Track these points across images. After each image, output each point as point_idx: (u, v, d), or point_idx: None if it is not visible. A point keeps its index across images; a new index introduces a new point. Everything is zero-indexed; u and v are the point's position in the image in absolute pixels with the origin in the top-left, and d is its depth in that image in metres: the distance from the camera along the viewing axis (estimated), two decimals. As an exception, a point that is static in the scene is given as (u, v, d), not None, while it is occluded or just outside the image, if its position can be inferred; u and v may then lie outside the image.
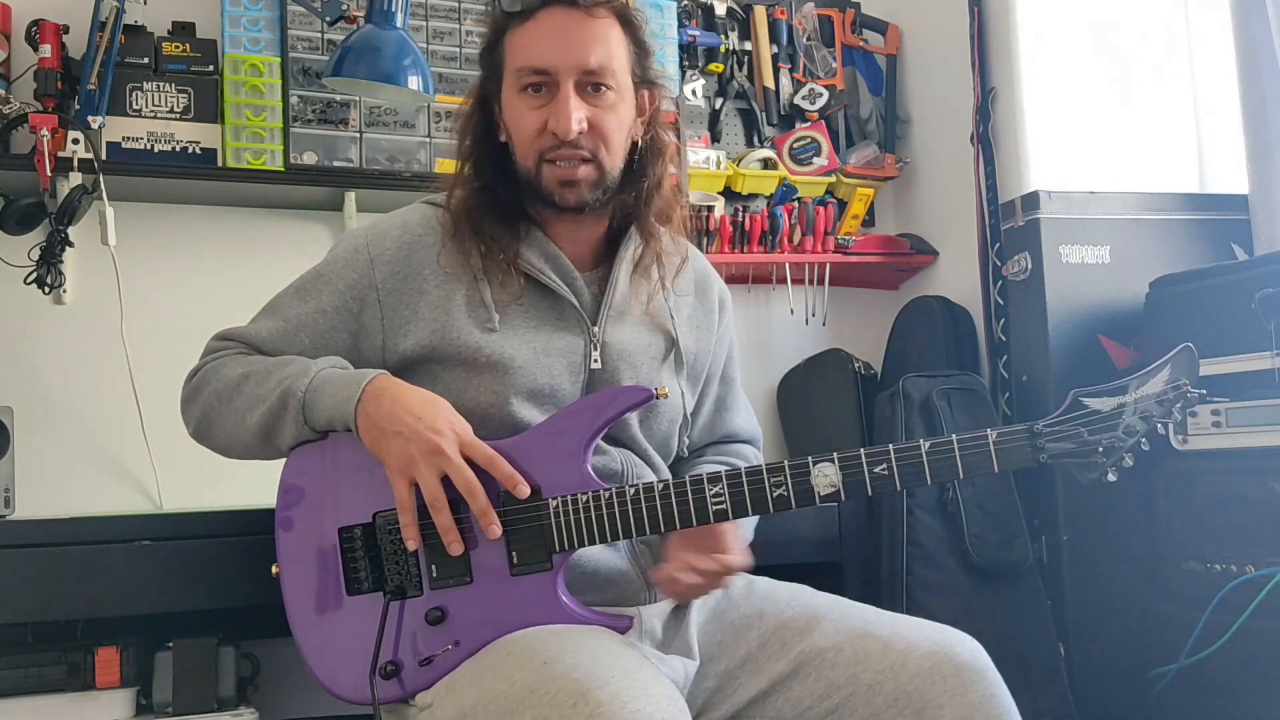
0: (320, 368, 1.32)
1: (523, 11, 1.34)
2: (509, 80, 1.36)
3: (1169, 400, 1.19)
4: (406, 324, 1.36)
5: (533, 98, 1.34)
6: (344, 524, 1.31)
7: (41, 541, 1.52)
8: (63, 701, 1.61)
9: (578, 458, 1.29)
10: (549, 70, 1.33)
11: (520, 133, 1.35)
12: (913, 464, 1.22)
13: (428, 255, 1.38)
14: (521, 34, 1.35)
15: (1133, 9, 2.59)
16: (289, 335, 1.38)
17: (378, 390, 1.27)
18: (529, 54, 1.34)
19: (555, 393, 1.36)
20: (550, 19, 1.34)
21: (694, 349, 1.49)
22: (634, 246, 1.44)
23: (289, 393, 1.30)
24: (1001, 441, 1.21)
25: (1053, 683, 2.15)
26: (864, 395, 2.54)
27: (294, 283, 1.42)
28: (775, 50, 2.73)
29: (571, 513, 1.26)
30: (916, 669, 1.22)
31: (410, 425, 1.24)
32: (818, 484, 1.24)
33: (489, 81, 1.40)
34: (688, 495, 1.26)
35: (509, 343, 1.34)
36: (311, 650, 1.30)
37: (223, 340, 1.41)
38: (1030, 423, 1.22)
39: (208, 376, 1.38)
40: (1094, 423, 1.20)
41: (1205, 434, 2.01)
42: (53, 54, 2.07)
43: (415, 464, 1.24)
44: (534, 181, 1.36)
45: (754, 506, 1.26)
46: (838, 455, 1.24)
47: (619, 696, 1.06)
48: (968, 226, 2.57)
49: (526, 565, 1.26)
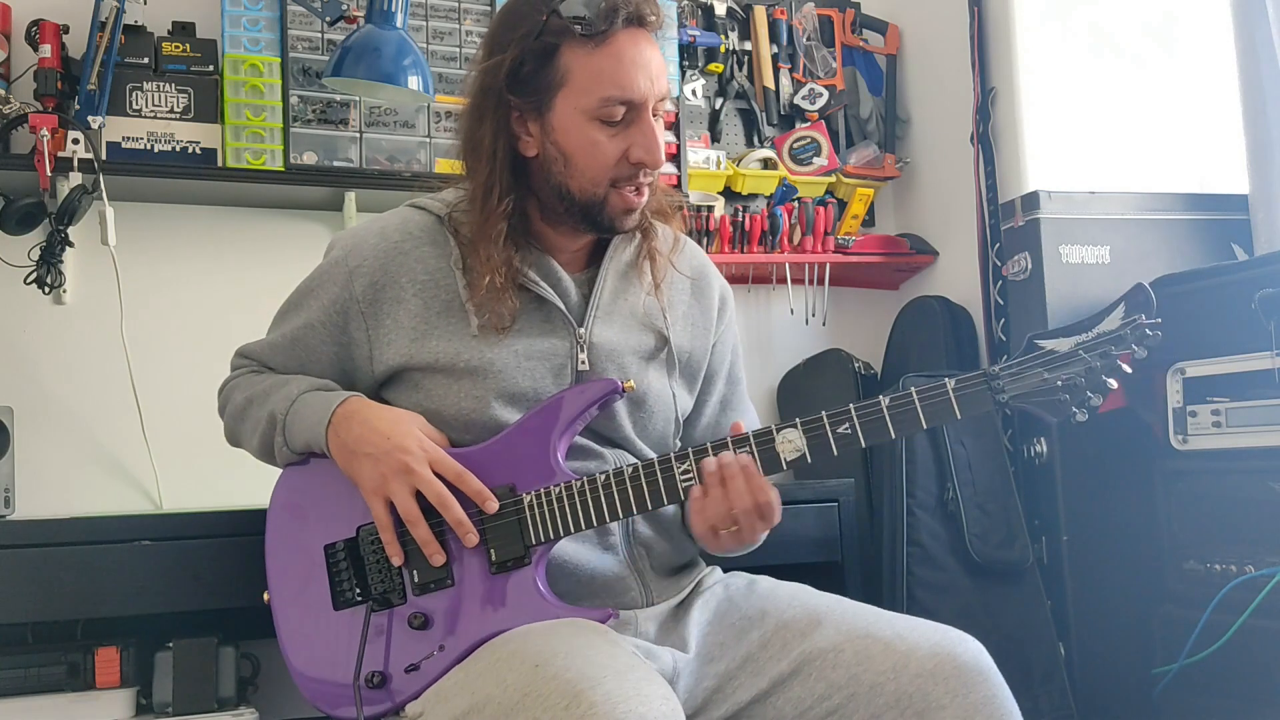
0: (301, 390, 1.36)
1: (597, 32, 1.26)
2: (578, 103, 1.28)
3: (1126, 337, 1.19)
4: (388, 334, 1.36)
5: (609, 126, 1.29)
6: (328, 540, 1.33)
7: (41, 541, 1.52)
8: (63, 701, 1.61)
9: (548, 451, 1.29)
10: (638, 101, 1.29)
11: (593, 158, 1.30)
12: (875, 420, 1.23)
13: (404, 262, 1.37)
14: (599, 58, 1.27)
15: (1133, 9, 2.59)
16: (288, 350, 1.42)
17: (347, 413, 1.30)
18: (616, 84, 1.27)
19: (539, 396, 1.35)
20: (628, 42, 1.28)
21: (688, 347, 1.48)
22: (625, 246, 1.44)
23: (273, 418, 1.36)
24: (961, 388, 1.21)
25: (1053, 683, 2.15)
26: (864, 395, 2.53)
27: (290, 295, 1.45)
28: (775, 50, 2.72)
29: (545, 504, 1.27)
30: (918, 670, 1.22)
31: (379, 445, 1.27)
32: (783, 450, 1.25)
33: (528, 92, 1.30)
34: (656, 475, 1.27)
35: (489, 347, 1.34)
36: (301, 668, 1.31)
37: (241, 358, 1.48)
38: (986, 368, 1.22)
39: (229, 396, 1.46)
40: (1052, 362, 1.20)
41: (1205, 434, 2.01)
42: (53, 54, 2.06)
43: (387, 483, 1.26)
44: (595, 205, 1.32)
45: None
46: (800, 420, 1.25)
47: (611, 696, 1.05)
48: (968, 226, 2.57)
49: (505, 562, 1.27)
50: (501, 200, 1.32)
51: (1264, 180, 2.29)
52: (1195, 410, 2.02)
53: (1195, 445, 2.02)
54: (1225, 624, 1.91)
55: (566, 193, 1.33)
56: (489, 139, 1.33)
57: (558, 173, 1.32)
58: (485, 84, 1.33)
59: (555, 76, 1.29)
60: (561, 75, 1.29)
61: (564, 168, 1.32)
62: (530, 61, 1.29)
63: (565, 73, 1.28)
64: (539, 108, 1.31)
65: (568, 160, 1.31)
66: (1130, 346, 1.18)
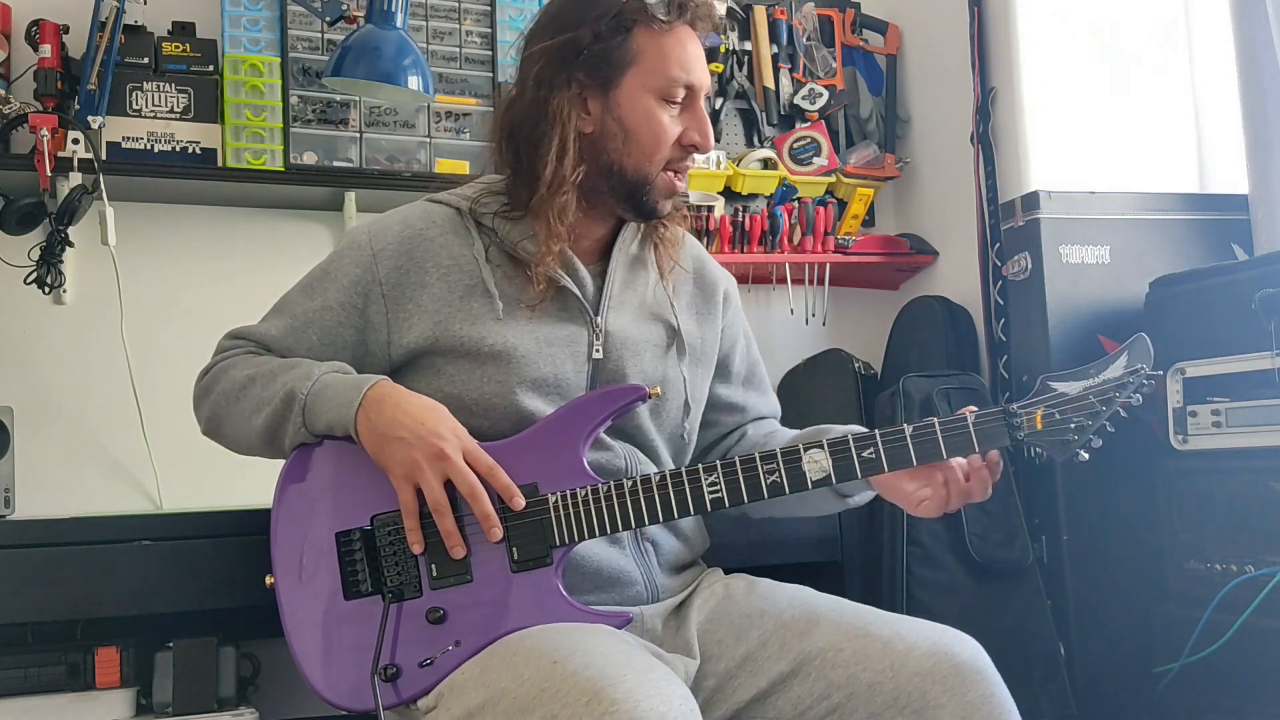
0: (323, 372, 1.32)
1: (664, 19, 1.35)
2: (644, 81, 1.35)
3: (1128, 384, 1.26)
4: (410, 317, 1.36)
5: (673, 106, 1.37)
6: (341, 528, 1.31)
7: (41, 541, 1.52)
8: (63, 701, 1.61)
9: (575, 453, 1.30)
10: (696, 87, 1.38)
11: (655, 136, 1.36)
12: (898, 447, 1.28)
13: (428, 248, 1.38)
14: (666, 41, 1.36)
15: (1133, 9, 2.59)
16: (297, 333, 1.39)
17: (379, 396, 1.28)
18: (681, 66, 1.36)
19: (560, 382, 1.36)
20: (685, 34, 1.38)
21: (697, 334, 1.51)
22: (632, 239, 1.46)
23: (291, 396, 1.31)
24: (980, 423, 1.28)
25: (1053, 682, 2.14)
26: (864, 395, 2.54)
27: (301, 281, 1.43)
28: (775, 50, 2.73)
29: (570, 507, 1.27)
30: (916, 669, 1.23)
31: (413, 430, 1.25)
32: (809, 469, 1.28)
33: (597, 68, 1.35)
34: (684, 485, 1.28)
35: (512, 333, 1.35)
36: (308, 658, 1.30)
37: (234, 339, 1.43)
38: (1005, 405, 1.29)
39: (218, 376, 1.40)
40: (1064, 404, 1.27)
41: (1205, 434, 2.00)
42: (53, 54, 2.07)
43: (419, 469, 1.25)
44: (644, 186, 1.38)
45: (749, 494, 1.28)
46: (827, 440, 1.29)
47: (633, 694, 1.05)
48: (968, 226, 2.57)
49: (526, 561, 1.27)
50: (575, 168, 1.36)
51: (1264, 180, 2.28)
52: (1195, 410, 2.02)
53: (1195, 445, 2.02)
54: (1226, 623, 1.90)
55: (619, 170, 1.37)
56: (564, 108, 1.35)
57: (614, 149, 1.37)
58: (557, 59, 1.36)
59: (628, 55, 1.35)
60: (634, 54, 1.35)
61: (622, 144, 1.36)
62: (604, 39, 1.35)
63: (637, 52, 1.35)
64: (606, 84, 1.36)
65: (628, 136, 1.36)
66: (1131, 395, 1.26)
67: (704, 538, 1.51)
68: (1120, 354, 1.29)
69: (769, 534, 1.53)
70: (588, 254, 1.44)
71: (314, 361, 1.36)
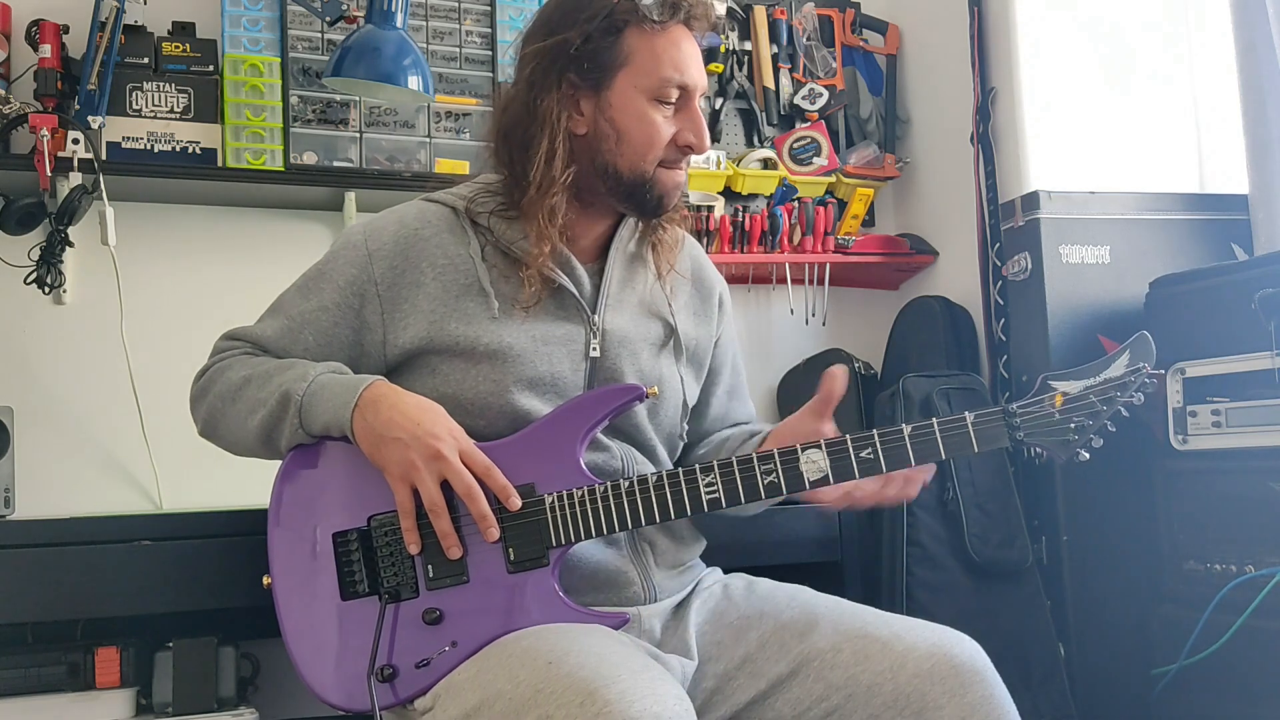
0: (319, 372, 1.32)
1: (657, 20, 1.35)
2: (636, 82, 1.35)
3: (1129, 384, 1.26)
4: (406, 317, 1.36)
5: (666, 107, 1.36)
6: (338, 529, 1.31)
7: (41, 541, 1.52)
8: (63, 701, 1.61)
9: (572, 454, 1.30)
10: (690, 88, 1.37)
11: (646, 136, 1.36)
12: (896, 447, 1.27)
13: (424, 248, 1.38)
14: (659, 41, 1.35)
15: (1132, 9, 2.59)
16: (293, 333, 1.38)
17: (375, 397, 1.28)
18: (674, 66, 1.35)
19: (556, 381, 1.36)
20: (680, 34, 1.37)
21: (694, 334, 1.51)
22: (630, 238, 1.46)
23: (287, 397, 1.31)
24: (980, 423, 1.26)
25: (1053, 683, 2.14)
26: (864, 395, 2.54)
27: (296, 281, 1.43)
28: (775, 50, 2.72)
29: (567, 507, 1.27)
30: (915, 670, 1.23)
31: (410, 431, 1.25)
32: (807, 470, 1.28)
33: (589, 69, 1.35)
34: (681, 486, 1.28)
35: (507, 332, 1.35)
36: (305, 658, 1.30)
37: (230, 340, 1.43)
38: (1004, 405, 1.28)
39: (214, 377, 1.39)
40: (1064, 404, 1.27)
41: (1205, 434, 2.00)
42: (53, 54, 2.07)
43: (416, 469, 1.25)
44: (643, 183, 1.37)
45: (746, 494, 1.28)
46: (824, 441, 1.29)
47: (626, 695, 1.06)
48: (968, 226, 2.57)
49: (523, 562, 1.27)
50: (565, 169, 1.35)
51: (1264, 180, 2.28)
52: (1195, 410, 2.02)
53: (1195, 445, 2.02)
54: (1225, 624, 1.90)
55: (613, 171, 1.37)
56: (554, 110, 1.35)
57: (607, 150, 1.36)
58: (548, 60, 1.36)
59: (619, 56, 1.35)
60: (625, 55, 1.35)
61: (615, 145, 1.36)
62: (595, 40, 1.35)
63: (629, 53, 1.35)
64: (598, 85, 1.36)
65: (620, 137, 1.36)
66: (1133, 394, 1.26)
67: (698, 537, 1.50)
68: (1122, 352, 1.28)
69: (769, 534, 1.53)
70: (585, 252, 1.44)
71: (310, 362, 1.35)
